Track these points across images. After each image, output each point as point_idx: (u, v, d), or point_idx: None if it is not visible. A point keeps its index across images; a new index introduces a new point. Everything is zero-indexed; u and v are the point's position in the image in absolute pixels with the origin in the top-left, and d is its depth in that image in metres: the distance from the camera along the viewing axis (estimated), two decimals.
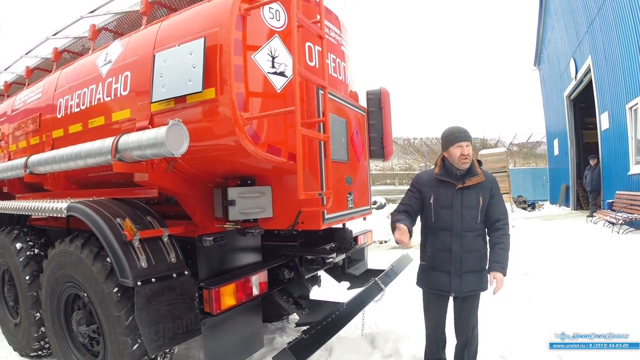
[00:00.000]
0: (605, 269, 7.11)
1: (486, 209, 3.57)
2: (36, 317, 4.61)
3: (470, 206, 3.53)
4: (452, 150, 3.49)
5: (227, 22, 3.17)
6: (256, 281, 3.60)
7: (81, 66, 4.65)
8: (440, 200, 3.57)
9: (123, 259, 3.24)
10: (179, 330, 3.30)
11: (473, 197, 3.52)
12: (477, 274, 3.58)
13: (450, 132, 3.55)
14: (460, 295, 3.62)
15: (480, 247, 3.58)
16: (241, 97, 3.15)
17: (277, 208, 3.69)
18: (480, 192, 3.53)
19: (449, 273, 3.56)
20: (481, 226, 3.59)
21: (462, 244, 3.52)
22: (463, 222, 3.51)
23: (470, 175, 3.52)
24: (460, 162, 3.47)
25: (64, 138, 4.60)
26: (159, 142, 3.04)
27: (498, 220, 3.56)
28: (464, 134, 3.48)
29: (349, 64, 4.55)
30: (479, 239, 3.59)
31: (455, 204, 3.52)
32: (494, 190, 3.59)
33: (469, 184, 3.51)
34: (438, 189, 3.59)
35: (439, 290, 3.67)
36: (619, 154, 13.34)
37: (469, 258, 3.54)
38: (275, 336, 5.27)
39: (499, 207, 3.60)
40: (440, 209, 3.57)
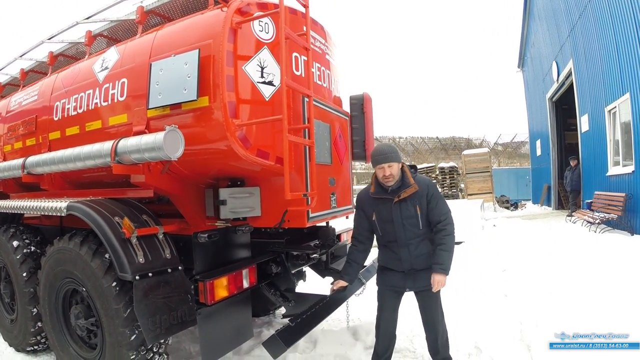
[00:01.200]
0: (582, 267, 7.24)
1: (426, 214, 3.69)
2: (33, 312, 4.73)
3: (409, 216, 3.66)
4: (376, 171, 3.69)
5: (219, 35, 3.39)
6: (246, 275, 3.82)
7: (78, 71, 4.78)
8: (381, 216, 3.74)
9: (122, 255, 3.42)
10: (174, 321, 3.48)
11: (410, 207, 3.65)
12: (428, 271, 3.69)
13: (373, 155, 3.73)
14: (415, 290, 3.81)
15: (428, 249, 3.72)
16: (232, 105, 3.36)
17: (265, 207, 3.90)
18: (416, 201, 3.66)
19: (403, 273, 3.75)
20: (425, 230, 3.71)
21: (409, 251, 3.69)
22: (406, 232, 3.67)
23: (404, 187, 3.66)
24: (384, 182, 3.66)
25: (61, 140, 4.73)
26: (157, 146, 3.23)
27: (439, 222, 3.66)
28: (384, 156, 3.61)
29: (333, 72, 4.75)
30: (425, 242, 3.73)
31: (395, 218, 3.67)
32: (430, 196, 3.68)
33: (404, 196, 3.63)
34: (377, 206, 3.75)
35: (393, 287, 3.86)
36: (598, 155, 13.53)
37: (419, 260, 3.70)
38: (263, 329, 5.47)
39: (438, 209, 3.69)
40: (383, 223, 3.74)
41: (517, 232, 11.72)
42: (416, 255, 3.70)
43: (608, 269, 6.84)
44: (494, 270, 7.41)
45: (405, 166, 3.77)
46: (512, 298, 5.99)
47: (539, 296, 5.53)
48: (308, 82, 3.80)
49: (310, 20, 4.02)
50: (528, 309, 5.18)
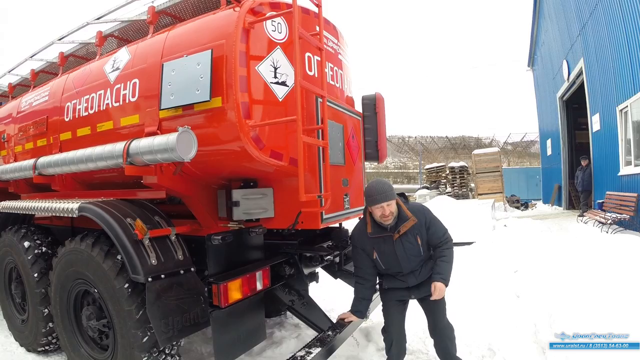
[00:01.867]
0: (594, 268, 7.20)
1: (427, 240, 3.70)
2: (44, 313, 4.74)
3: (411, 249, 3.65)
4: (373, 210, 3.59)
5: (232, 35, 3.36)
6: (260, 277, 3.77)
7: (89, 71, 4.78)
8: (383, 252, 3.70)
9: (134, 257, 3.42)
10: (187, 323, 3.49)
11: (412, 239, 3.63)
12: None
13: (369, 194, 3.59)
14: (420, 297, 3.82)
15: (431, 267, 3.74)
16: (246, 105, 3.33)
17: (278, 208, 3.87)
18: (417, 233, 3.64)
19: (408, 288, 3.78)
20: (426, 254, 3.75)
21: (415, 276, 3.73)
22: (410, 263, 3.68)
23: (402, 222, 3.62)
24: (383, 220, 3.58)
25: (72, 141, 4.73)
26: (170, 148, 3.21)
27: (439, 243, 3.69)
28: (382, 195, 3.51)
29: (346, 72, 4.72)
30: (428, 262, 3.77)
31: (399, 253, 3.64)
32: (428, 223, 3.67)
33: (404, 230, 3.61)
34: (377, 244, 3.70)
35: (401, 299, 3.90)
36: (610, 155, 13.42)
37: (423, 275, 3.75)
38: (275, 330, 5.47)
39: (436, 233, 3.70)
40: (386, 258, 3.71)
41: (528, 232, 11.62)
42: (422, 276, 3.75)
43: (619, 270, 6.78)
44: (506, 271, 7.34)
45: (399, 199, 3.71)
46: (525, 299, 5.91)
47: (551, 297, 5.46)
48: (322, 82, 3.77)
49: (323, 20, 3.98)
50: (541, 310, 5.10)
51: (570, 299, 5.03)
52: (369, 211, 3.69)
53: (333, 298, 6.60)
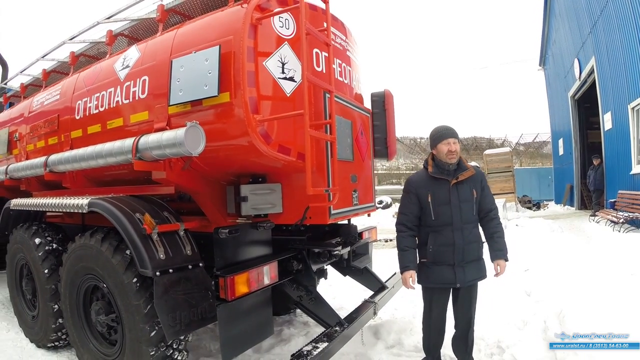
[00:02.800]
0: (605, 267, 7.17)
1: (479, 201, 3.77)
2: (54, 309, 4.79)
3: (466, 199, 3.70)
4: (440, 147, 3.70)
5: (240, 31, 3.37)
6: (267, 271, 3.80)
7: (99, 70, 4.82)
8: (437, 197, 3.70)
9: (143, 251, 3.44)
10: (194, 317, 3.50)
11: (467, 190, 3.71)
12: (477, 262, 3.78)
13: (437, 130, 3.78)
14: (465, 285, 3.77)
15: (478, 237, 3.79)
16: (253, 100, 3.34)
17: (286, 204, 3.86)
18: (472, 186, 3.72)
19: (453, 266, 3.70)
20: (476, 217, 3.79)
21: (463, 236, 3.68)
22: (462, 215, 3.68)
23: (462, 170, 3.71)
24: (447, 158, 3.67)
25: (83, 138, 4.77)
26: (178, 142, 3.23)
27: (490, 210, 3.81)
28: (450, 131, 3.72)
29: (354, 69, 4.71)
30: (476, 230, 3.79)
31: (452, 199, 3.67)
32: (484, 183, 3.82)
33: (461, 179, 3.68)
34: (433, 187, 3.72)
35: (445, 284, 3.80)
36: (622, 154, 13.35)
37: (470, 249, 3.71)
38: (283, 328, 5.48)
39: (490, 198, 3.85)
40: (439, 206, 3.70)
41: (539, 231, 11.60)
42: (469, 241, 3.72)
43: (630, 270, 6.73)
44: (517, 270, 7.29)
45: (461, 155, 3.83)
46: (535, 297, 5.91)
47: (561, 296, 5.44)
48: (329, 77, 3.76)
49: (331, 16, 3.98)
50: (550, 308, 5.10)
51: (579, 298, 5.02)
52: (431, 155, 3.84)
53: (343, 296, 6.62)
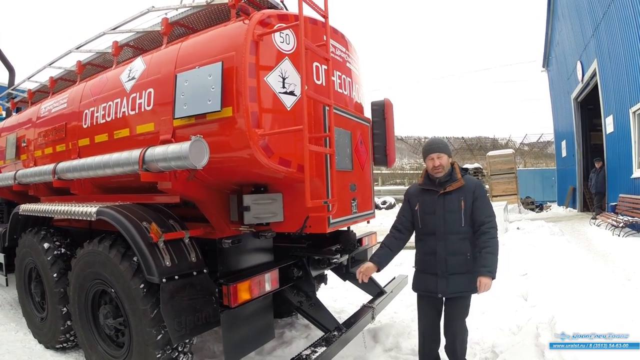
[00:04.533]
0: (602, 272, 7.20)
1: (471, 213, 3.71)
2: (63, 311, 4.91)
3: (452, 210, 3.70)
4: (427, 163, 3.81)
5: (242, 47, 3.50)
6: (268, 279, 3.94)
7: (105, 80, 4.94)
8: (424, 207, 3.82)
9: (150, 259, 3.58)
10: (199, 322, 3.64)
11: (455, 201, 3.70)
12: (464, 276, 3.70)
13: (424, 146, 3.90)
14: (447, 296, 3.79)
15: (466, 250, 3.71)
16: (255, 115, 3.47)
17: (287, 213, 3.97)
18: (462, 196, 3.70)
19: (436, 275, 3.74)
20: (466, 229, 3.72)
21: (445, 246, 3.70)
22: (446, 225, 3.70)
23: (452, 182, 3.74)
24: (434, 172, 3.76)
25: (90, 147, 4.89)
26: (183, 156, 3.35)
27: (483, 224, 3.68)
28: (433, 147, 3.78)
29: (354, 79, 4.80)
30: (465, 242, 3.72)
31: (437, 209, 3.73)
32: (477, 194, 3.73)
33: (449, 189, 3.71)
34: (423, 197, 3.85)
35: (428, 292, 3.86)
36: (623, 157, 13.34)
37: (454, 260, 3.70)
38: (285, 330, 5.59)
39: (483, 209, 3.72)
40: (425, 214, 3.81)
41: (540, 235, 11.57)
42: (452, 252, 3.70)
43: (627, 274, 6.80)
44: (515, 274, 7.38)
45: (457, 164, 3.87)
46: (531, 301, 5.96)
47: (556, 301, 5.50)
48: (328, 91, 3.86)
49: (331, 29, 4.08)
50: (545, 313, 5.15)
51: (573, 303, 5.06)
52: (425, 168, 3.91)
53: (343, 299, 6.74)
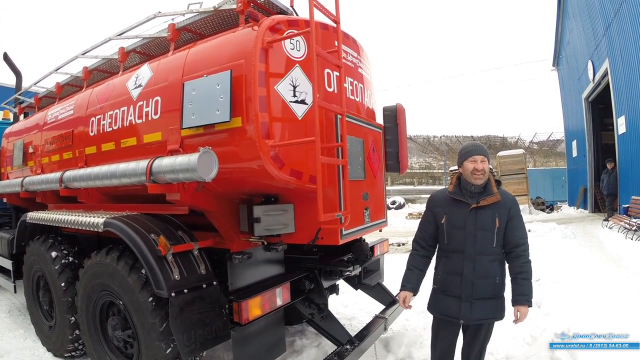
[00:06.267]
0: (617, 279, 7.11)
1: (504, 232, 3.31)
2: (71, 320, 4.86)
3: (484, 227, 3.29)
4: (465, 165, 3.34)
5: (251, 55, 3.39)
6: (280, 293, 3.85)
7: (112, 87, 4.86)
8: (452, 220, 3.38)
9: (158, 272, 3.50)
10: (209, 336, 3.55)
11: (488, 217, 3.28)
12: (491, 301, 3.35)
13: (465, 147, 3.43)
14: (470, 323, 3.42)
15: (496, 273, 3.33)
16: (265, 125, 3.36)
17: (298, 224, 3.87)
18: (496, 213, 3.28)
19: (459, 298, 3.36)
20: (498, 250, 3.33)
21: (474, 267, 3.29)
22: (476, 245, 3.28)
23: (486, 195, 3.31)
24: (473, 177, 3.30)
25: (97, 155, 4.83)
26: (191, 168, 3.26)
27: (518, 246, 3.30)
28: (479, 148, 3.34)
29: (366, 85, 4.70)
30: (495, 264, 3.33)
31: (468, 225, 3.30)
32: (513, 212, 3.33)
33: (483, 204, 3.28)
34: (451, 208, 3.40)
35: (447, 316, 3.48)
36: (636, 158, 13.27)
37: (482, 284, 3.31)
38: (296, 339, 5.51)
39: (518, 230, 3.32)
40: (453, 229, 3.37)
41: (552, 238, 11.49)
42: (480, 275, 3.31)
43: None
44: None
45: (492, 176, 3.44)
46: (545, 309, 5.90)
47: (571, 309, 5.41)
48: (340, 99, 3.73)
49: (342, 34, 3.97)
50: (561, 323, 5.06)
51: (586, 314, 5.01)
52: (457, 174, 3.49)
53: (354, 305, 6.66)
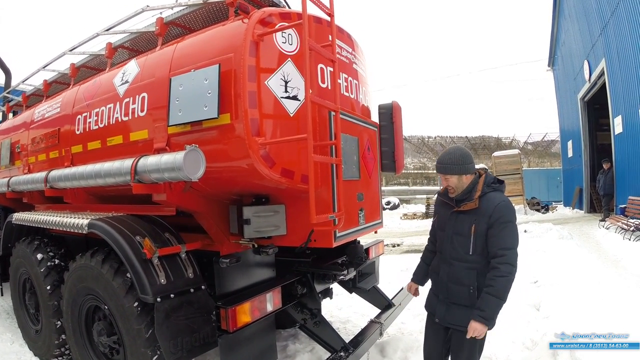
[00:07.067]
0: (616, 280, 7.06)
1: (484, 240, 3.11)
2: (57, 325, 4.73)
3: (460, 232, 3.19)
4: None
5: (240, 49, 3.24)
6: (270, 298, 3.69)
7: (99, 84, 4.73)
8: (439, 221, 3.43)
9: (143, 276, 3.35)
10: (197, 343, 3.42)
11: (465, 223, 3.17)
12: (467, 309, 3.14)
13: (437, 161, 3.33)
14: (445, 324, 3.31)
15: (470, 282, 3.14)
16: (255, 122, 3.20)
17: (290, 226, 3.71)
18: (474, 220, 3.13)
19: (438, 297, 3.37)
20: (476, 259, 3.14)
21: (448, 271, 3.24)
22: (452, 249, 3.23)
23: (468, 200, 3.19)
24: (448, 191, 3.30)
25: (83, 154, 4.70)
26: (177, 167, 3.11)
27: (494, 257, 3.05)
28: (442, 167, 3.23)
29: (361, 81, 4.56)
30: (471, 272, 3.15)
31: (447, 228, 3.28)
32: (494, 220, 3.06)
33: (463, 209, 3.19)
34: (441, 209, 3.44)
35: (430, 308, 3.48)
36: (633, 158, 13.21)
37: (456, 290, 3.20)
38: (288, 343, 5.36)
39: (497, 239, 3.05)
40: (439, 230, 3.42)
41: (549, 239, 11.46)
42: (454, 280, 3.20)
43: None
44: (526, 281, 7.18)
45: (484, 178, 3.25)
46: (544, 312, 5.81)
47: (571, 312, 5.32)
48: (334, 95, 3.58)
49: (336, 28, 3.83)
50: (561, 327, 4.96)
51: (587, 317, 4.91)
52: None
53: (349, 308, 6.55)
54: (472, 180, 3.23)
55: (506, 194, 3.31)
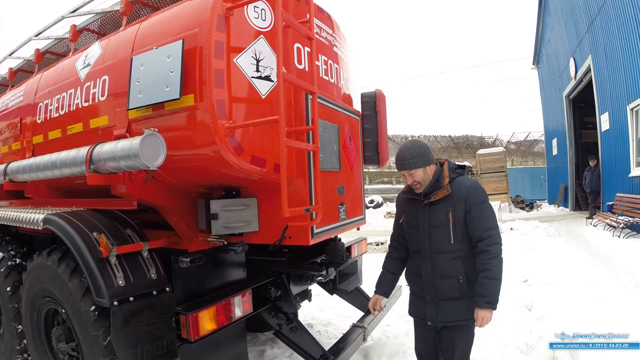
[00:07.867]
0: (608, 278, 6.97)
1: (464, 226, 3.01)
2: (18, 329, 4.41)
3: (437, 224, 3.05)
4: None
5: (207, 23, 2.90)
6: (239, 302, 3.35)
7: (61, 69, 4.41)
8: (409, 219, 3.22)
9: (99, 277, 3.02)
10: (159, 352, 3.10)
11: (441, 213, 3.03)
12: (459, 302, 3.04)
13: (395, 159, 3.13)
14: (439, 324, 3.15)
15: (458, 272, 3.02)
16: (222, 104, 2.88)
17: (263, 221, 3.41)
18: (449, 207, 3.01)
19: (425, 300, 3.17)
20: (459, 247, 3.03)
21: (432, 268, 3.08)
22: (431, 244, 3.07)
23: (437, 189, 3.04)
24: (413, 188, 3.13)
25: (44, 144, 4.38)
26: (133, 154, 2.76)
27: (481, 240, 2.96)
28: (406, 163, 3.03)
29: (342, 66, 4.27)
30: (457, 262, 3.03)
31: (421, 224, 3.10)
32: (471, 202, 2.98)
33: (434, 199, 3.03)
34: (407, 207, 3.24)
35: (418, 316, 3.29)
36: (620, 155, 13.16)
37: (444, 285, 3.06)
38: (266, 348, 5.04)
39: (479, 222, 2.98)
40: (410, 229, 3.21)
41: (536, 236, 11.44)
42: (440, 275, 3.05)
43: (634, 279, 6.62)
44: (515, 280, 7.02)
45: (447, 165, 3.16)
46: (536, 312, 5.67)
47: (566, 313, 5.16)
48: (312, 76, 3.28)
49: (315, 7, 3.54)
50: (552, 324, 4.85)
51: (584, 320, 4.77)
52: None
53: (331, 310, 6.32)
54: (435, 169, 3.10)
55: (491, 192, 3.12)
